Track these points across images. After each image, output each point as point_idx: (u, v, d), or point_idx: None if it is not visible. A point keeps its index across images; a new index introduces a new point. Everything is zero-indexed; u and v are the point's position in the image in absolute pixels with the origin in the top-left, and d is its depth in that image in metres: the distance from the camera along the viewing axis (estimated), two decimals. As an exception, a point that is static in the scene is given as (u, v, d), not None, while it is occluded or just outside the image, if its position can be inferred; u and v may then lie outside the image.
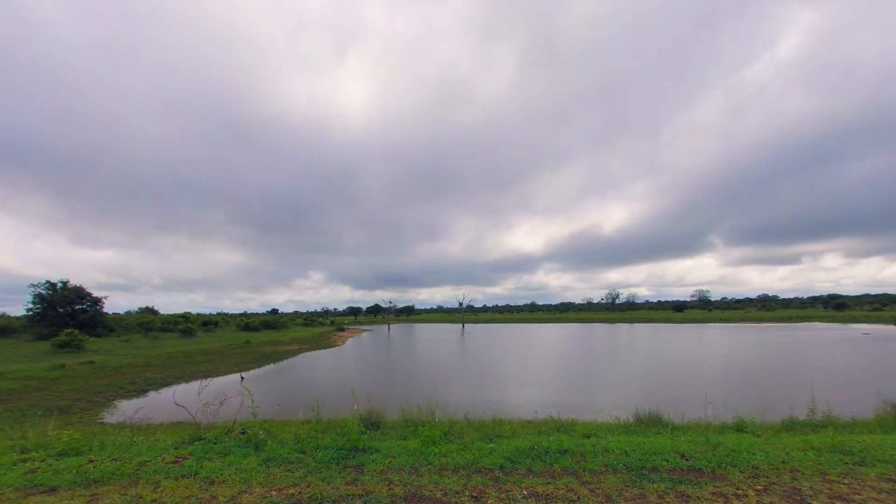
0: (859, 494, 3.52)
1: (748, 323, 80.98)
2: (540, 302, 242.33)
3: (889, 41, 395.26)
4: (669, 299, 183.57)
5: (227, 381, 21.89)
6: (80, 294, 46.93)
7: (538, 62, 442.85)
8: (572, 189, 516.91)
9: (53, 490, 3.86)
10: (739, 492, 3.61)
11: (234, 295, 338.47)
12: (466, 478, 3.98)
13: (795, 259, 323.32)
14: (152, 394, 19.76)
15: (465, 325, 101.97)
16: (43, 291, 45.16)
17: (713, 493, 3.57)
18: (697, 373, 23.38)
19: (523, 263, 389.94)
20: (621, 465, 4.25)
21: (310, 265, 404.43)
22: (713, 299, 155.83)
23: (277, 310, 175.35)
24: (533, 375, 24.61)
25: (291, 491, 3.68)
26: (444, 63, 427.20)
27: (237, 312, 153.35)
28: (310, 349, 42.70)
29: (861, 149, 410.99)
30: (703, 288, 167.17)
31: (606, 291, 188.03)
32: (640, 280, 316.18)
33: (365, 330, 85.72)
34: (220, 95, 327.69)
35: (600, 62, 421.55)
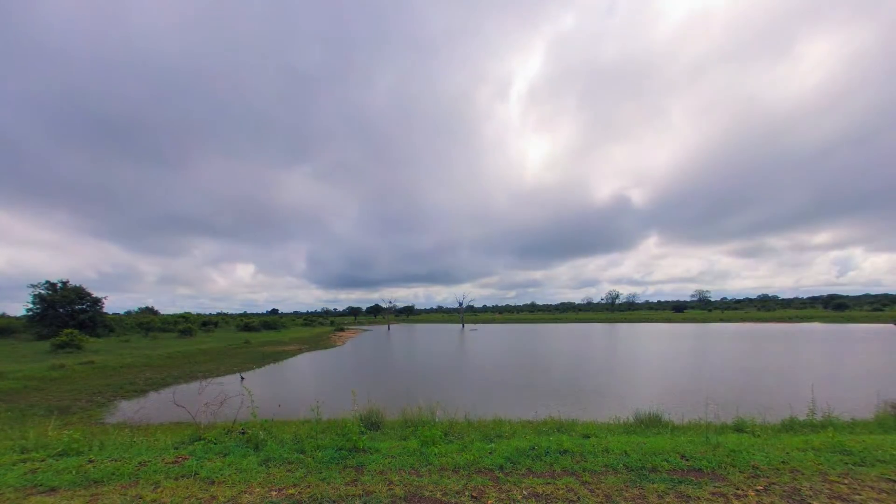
0: (859, 494, 3.52)
1: (748, 323, 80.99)
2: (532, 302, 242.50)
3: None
4: (669, 299, 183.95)
5: (227, 381, 21.88)
6: (79, 294, 46.95)
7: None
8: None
9: (53, 490, 3.85)
10: (739, 492, 3.60)
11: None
12: (466, 478, 3.98)
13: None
14: (152, 394, 19.74)
15: (465, 325, 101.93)
16: (43, 292, 45.19)
17: (713, 493, 3.57)
18: (699, 373, 23.38)
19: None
20: (621, 465, 4.24)
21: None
22: (713, 299, 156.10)
23: (277, 310, 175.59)
24: (532, 374, 24.60)
25: (291, 491, 3.68)
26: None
27: (237, 312, 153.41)
28: (309, 349, 42.68)
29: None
30: (704, 288, 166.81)
31: (607, 292, 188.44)
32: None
33: (365, 330, 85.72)
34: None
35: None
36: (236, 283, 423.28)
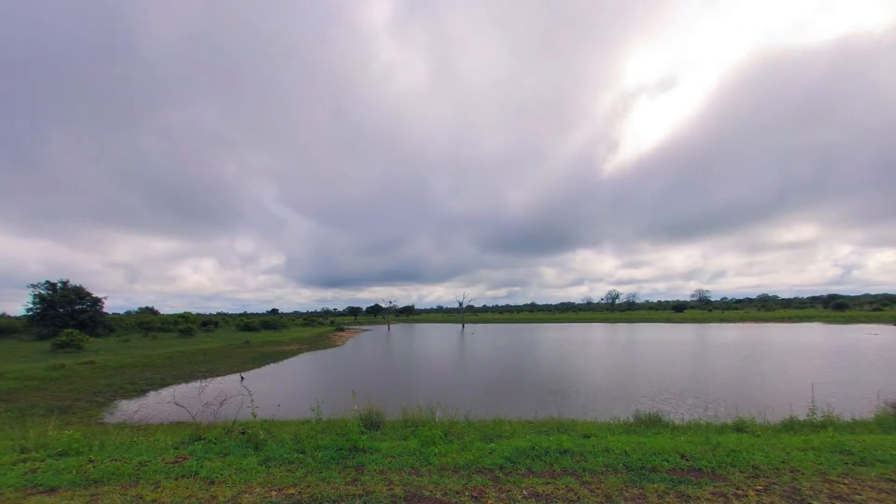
0: (859, 494, 3.52)
1: (748, 323, 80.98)
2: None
3: None
4: (669, 299, 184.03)
5: (227, 381, 21.88)
6: (79, 294, 47.01)
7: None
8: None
9: (53, 490, 3.85)
10: (739, 492, 3.61)
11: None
12: (466, 478, 3.98)
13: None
14: (152, 394, 19.74)
15: (465, 324, 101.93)
16: (43, 291, 45.23)
17: (713, 493, 3.57)
18: (699, 373, 23.37)
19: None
20: (621, 465, 4.25)
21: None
22: (713, 299, 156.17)
23: (277, 310, 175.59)
24: (532, 374, 24.61)
25: (291, 491, 3.68)
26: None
27: (237, 312, 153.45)
28: (309, 349, 42.68)
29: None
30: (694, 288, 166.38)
31: (607, 292, 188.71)
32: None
33: (364, 330, 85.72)
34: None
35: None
36: (194, 283, 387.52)
